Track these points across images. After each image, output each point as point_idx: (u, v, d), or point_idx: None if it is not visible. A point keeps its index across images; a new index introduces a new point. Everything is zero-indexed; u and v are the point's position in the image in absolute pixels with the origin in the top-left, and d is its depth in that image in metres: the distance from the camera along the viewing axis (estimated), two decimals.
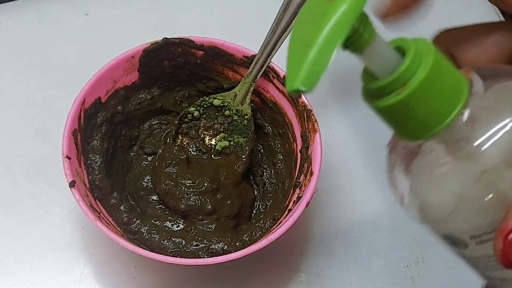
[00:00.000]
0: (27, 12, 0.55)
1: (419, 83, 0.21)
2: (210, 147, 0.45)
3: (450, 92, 0.22)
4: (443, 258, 0.46)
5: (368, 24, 0.21)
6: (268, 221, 0.43)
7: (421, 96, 0.22)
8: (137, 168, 0.46)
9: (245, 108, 0.44)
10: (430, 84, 0.22)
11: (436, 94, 0.22)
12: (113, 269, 0.43)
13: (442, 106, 0.22)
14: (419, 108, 0.22)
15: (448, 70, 0.23)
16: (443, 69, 0.22)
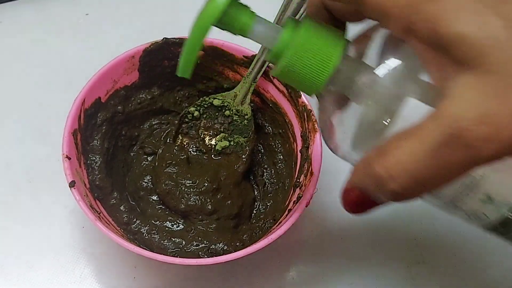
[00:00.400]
0: (27, 12, 0.55)
1: (295, 49, 0.26)
2: (210, 147, 0.45)
3: (327, 49, 0.26)
4: (444, 258, 0.46)
5: (242, 13, 0.26)
6: (268, 221, 0.43)
7: (301, 58, 0.26)
8: (137, 168, 0.46)
9: (245, 108, 0.44)
10: (305, 47, 0.26)
11: (314, 52, 0.26)
12: (113, 269, 0.43)
13: (323, 60, 0.26)
14: (304, 68, 0.26)
15: (321, 31, 0.26)
16: (317, 31, 0.26)
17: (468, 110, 0.21)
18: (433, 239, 0.47)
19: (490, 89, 0.21)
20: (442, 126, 0.21)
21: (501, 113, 0.21)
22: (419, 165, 0.22)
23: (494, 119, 0.21)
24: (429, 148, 0.22)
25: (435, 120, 0.22)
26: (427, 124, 0.22)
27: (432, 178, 0.23)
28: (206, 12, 0.25)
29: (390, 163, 0.23)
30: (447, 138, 0.21)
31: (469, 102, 0.21)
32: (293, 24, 0.27)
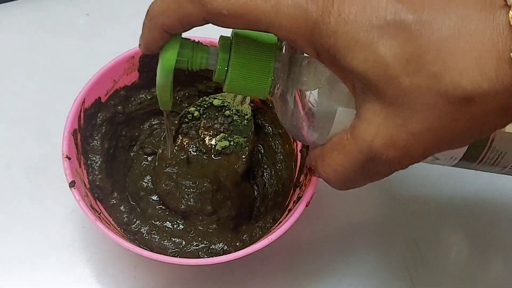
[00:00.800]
0: (27, 12, 0.55)
1: (232, 68, 0.29)
2: (210, 147, 0.45)
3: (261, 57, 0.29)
4: (442, 258, 0.46)
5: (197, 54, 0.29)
6: (268, 221, 0.43)
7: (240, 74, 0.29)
8: (137, 168, 0.46)
9: (245, 108, 0.44)
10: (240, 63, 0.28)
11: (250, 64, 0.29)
12: (113, 269, 0.43)
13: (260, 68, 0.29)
14: (246, 80, 0.29)
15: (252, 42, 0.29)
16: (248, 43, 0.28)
17: (378, 137, 0.25)
18: (432, 240, 0.47)
19: (392, 118, 0.24)
20: (360, 148, 0.26)
21: (404, 138, 0.24)
22: (347, 173, 0.27)
23: (399, 144, 0.24)
24: (354, 163, 0.27)
25: (355, 143, 0.26)
26: (350, 144, 0.26)
27: (358, 181, 0.28)
28: (163, 62, 0.29)
29: (327, 170, 0.28)
30: (367, 157, 0.26)
31: (378, 129, 0.25)
32: (225, 42, 0.29)
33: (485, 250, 0.47)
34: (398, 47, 0.23)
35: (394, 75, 0.23)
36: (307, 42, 0.25)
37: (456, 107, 0.23)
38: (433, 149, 0.25)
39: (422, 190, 0.48)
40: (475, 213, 0.48)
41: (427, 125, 0.24)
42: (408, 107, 0.23)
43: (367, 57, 0.23)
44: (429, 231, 0.47)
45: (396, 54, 0.23)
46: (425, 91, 0.23)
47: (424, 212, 0.48)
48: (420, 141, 0.24)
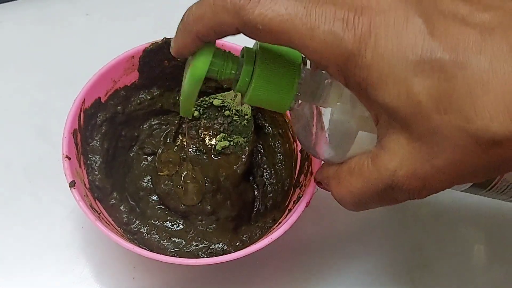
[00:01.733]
0: (27, 12, 0.55)
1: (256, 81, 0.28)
2: (210, 147, 0.45)
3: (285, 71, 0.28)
4: (445, 261, 0.46)
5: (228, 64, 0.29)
6: (268, 221, 0.43)
7: (263, 87, 0.28)
8: (137, 168, 0.46)
9: (245, 108, 0.44)
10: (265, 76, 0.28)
11: (274, 78, 0.28)
12: (113, 269, 0.43)
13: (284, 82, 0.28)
14: (268, 95, 0.29)
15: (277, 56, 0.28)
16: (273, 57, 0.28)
17: (401, 168, 0.25)
18: (435, 244, 0.46)
19: (417, 152, 0.25)
20: (382, 177, 0.26)
21: (427, 171, 0.25)
22: (364, 197, 0.28)
23: (421, 176, 0.25)
24: (372, 189, 0.27)
25: (377, 171, 0.27)
26: (371, 171, 0.27)
27: (372, 205, 0.29)
28: (194, 70, 0.28)
29: (342, 191, 0.29)
30: (387, 185, 0.26)
31: (402, 161, 0.25)
32: (249, 53, 0.29)
33: (489, 254, 0.47)
34: (432, 86, 0.23)
35: (426, 113, 0.23)
36: (338, 70, 0.25)
37: (483, 149, 0.23)
38: (453, 183, 0.26)
39: None
40: (479, 216, 0.48)
41: (452, 162, 0.24)
42: (436, 144, 0.24)
43: (400, 93, 0.24)
44: (431, 234, 0.47)
45: (430, 93, 0.23)
46: (454, 131, 0.23)
47: (426, 215, 0.48)
48: (443, 175, 0.25)
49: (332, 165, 0.30)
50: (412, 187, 0.26)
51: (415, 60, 0.23)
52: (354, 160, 0.28)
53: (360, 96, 0.26)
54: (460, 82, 0.23)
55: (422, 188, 0.26)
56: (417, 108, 0.24)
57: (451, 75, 0.23)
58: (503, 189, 0.36)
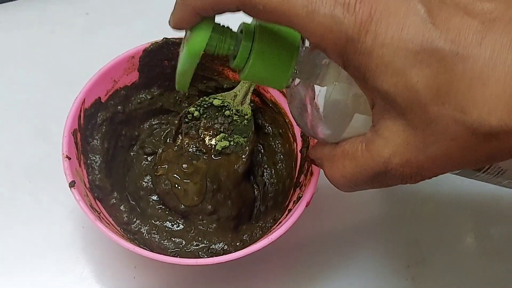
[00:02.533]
0: (27, 12, 0.55)
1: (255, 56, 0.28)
2: (210, 147, 0.45)
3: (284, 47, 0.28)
4: (444, 258, 0.46)
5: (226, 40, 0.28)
6: (268, 221, 0.43)
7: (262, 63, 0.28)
8: (137, 168, 0.46)
9: (245, 108, 0.44)
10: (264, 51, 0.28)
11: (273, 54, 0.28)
12: (113, 269, 0.43)
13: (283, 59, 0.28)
14: (266, 70, 0.28)
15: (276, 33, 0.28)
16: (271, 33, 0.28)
17: (395, 156, 0.26)
18: (433, 240, 0.47)
19: (412, 141, 0.25)
20: (375, 163, 0.26)
21: (421, 160, 0.25)
22: (356, 180, 0.28)
23: (414, 164, 0.26)
24: (365, 174, 0.27)
25: (370, 156, 0.27)
26: (365, 157, 0.27)
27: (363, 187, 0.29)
28: (192, 44, 0.28)
29: (335, 173, 0.29)
30: (380, 171, 0.27)
31: (397, 149, 0.25)
32: (248, 29, 0.29)
33: (487, 249, 0.47)
34: (431, 77, 0.23)
35: (423, 103, 0.23)
36: (337, 54, 0.25)
37: (478, 140, 0.23)
38: (446, 170, 0.26)
39: (424, 189, 0.48)
40: (477, 212, 0.48)
41: (447, 152, 0.24)
42: (431, 134, 0.24)
43: (398, 82, 0.24)
44: (430, 231, 0.47)
45: (428, 83, 0.23)
46: (451, 122, 0.23)
47: (425, 212, 0.48)
48: (436, 164, 0.25)
49: (327, 145, 0.30)
50: (405, 174, 0.26)
51: (415, 49, 0.23)
52: (348, 143, 0.28)
53: (357, 80, 0.26)
54: (459, 74, 0.23)
55: (415, 175, 0.26)
56: (415, 98, 0.24)
57: (450, 66, 0.23)
58: (495, 174, 0.36)
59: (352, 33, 0.24)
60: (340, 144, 0.29)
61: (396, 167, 0.26)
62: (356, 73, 0.25)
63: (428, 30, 0.23)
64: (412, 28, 0.23)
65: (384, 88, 0.24)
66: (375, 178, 0.27)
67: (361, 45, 0.24)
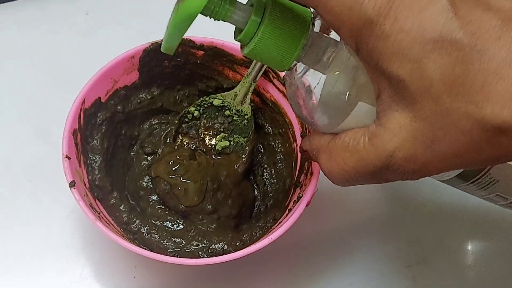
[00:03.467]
0: (27, 12, 0.55)
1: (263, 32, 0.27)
2: (210, 147, 0.45)
3: (293, 28, 0.27)
4: (445, 258, 0.46)
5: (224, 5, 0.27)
6: (268, 221, 0.43)
7: (269, 40, 0.27)
8: (137, 167, 0.46)
9: (245, 108, 0.44)
10: (273, 29, 0.27)
11: (281, 33, 0.27)
12: (113, 269, 0.43)
13: (291, 39, 0.27)
14: (273, 48, 0.27)
15: (287, 10, 0.27)
16: (282, 11, 0.27)
17: (401, 150, 0.25)
18: (434, 239, 0.47)
19: (420, 135, 0.24)
20: (379, 157, 0.26)
21: (426, 156, 0.25)
22: (356, 175, 0.27)
23: (420, 160, 0.25)
24: (367, 168, 0.26)
25: (374, 150, 0.26)
26: (368, 150, 0.26)
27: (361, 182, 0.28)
28: (189, 3, 0.26)
29: (333, 167, 0.28)
30: (382, 166, 0.26)
31: (403, 143, 0.25)
32: (259, 4, 0.27)
33: (488, 249, 0.47)
34: (447, 67, 0.23)
35: (436, 93, 0.23)
36: (351, 35, 0.24)
37: (488, 136, 0.23)
38: (450, 168, 0.26)
39: (424, 189, 0.48)
40: (478, 212, 0.48)
41: (454, 149, 0.24)
42: (441, 127, 0.24)
43: (413, 69, 0.23)
44: (431, 230, 0.47)
45: (444, 73, 0.23)
46: (462, 115, 0.23)
47: (426, 211, 0.48)
48: (442, 161, 0.25)
49: (324, 135, 0.29)
50: (408, 170, 0.26)
51: (434, 38, 0.23)
52: (349, 135, 0.27)
53: (367, 65, 0.25)
54: (475, 67, 0.22)
55: (418, 171, 0.26)
56: (429, 87, 0.23)
57: (467, 58, 0.22)
58: (485, 184, 0.35)
59: (371, 15, 0.23)
60: (339, 136, 0.28)
61: (400, 162, 0.25)
62: (368, 57, 0.24)
63: (449, 20, 0.23)
64: (433, 17, 0.23)
65: (398, 74, 0.23)
66: (376, 173, 0.27)
67: (379, 28, 0.23)
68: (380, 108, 0.26)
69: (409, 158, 0.25)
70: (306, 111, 0.30)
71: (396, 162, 0.25)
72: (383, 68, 0.24)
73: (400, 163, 0.25)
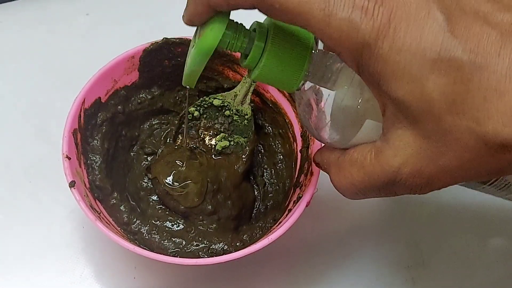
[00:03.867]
0: (27, 12, 0.55)
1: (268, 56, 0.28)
2: (210, 147, 0.45)
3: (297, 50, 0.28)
4: (444, 259, 0.46)
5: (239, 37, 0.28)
6: (268, 221, 0.43)
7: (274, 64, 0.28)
8: (137, 168, 0.46)
9: (245, 108, 0.44)
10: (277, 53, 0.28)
11: (286, 56, 0.28)
12: (113, 270, 0.43)
13: (295, 62, 0.28)
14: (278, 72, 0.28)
15: (290, 35, 0.28)
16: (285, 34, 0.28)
17: (406, 166, 0.25)
18: (433, 241, 0.47)
19: (424, 151, 0.25)
20: (385, 173, 0.26)
21: (431, 171, 0.25)
22: (364, 189, 0.28)
23: (425, 175, 0.25)
24: (374, 183, 0.27)
25: (380, 166, 0.26)
26: (374, 166, 0.27)
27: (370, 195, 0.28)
28: (205, 40, 0.27)
29: (342, 180, 0.29)
30: (389, 181, 0.26)
31: (407, 159, 0.25)
32: (261, 29, 0.28)
33: (487, 250, 0.47)
34: (447, 86, 0.23)
35: (437, 112, 0.23)
36: (352, 58, 0.24)
37: (492, 152, 0.23)
38: (458, 181, 0.26)
39: None
40: (477, 214, 0.48)
41: (459, 163, 0.24)
42: (444, 144, 0.24)
43: (413, 90, 0.23)
44: (430, 232, 0.47)
45: (444, 92, 0.23)
46: (465, 133, 0.23)
47: (425, 213, 0.48)
48: (448, 175, 0.25)
49: (334, 150, 0.30)
50: (415, 185, 0.26)
51: (433, 58, 0.23)
52: (357, 151, 0.28)
53: (371, 86, 0.25)
54: (475, 84, 0.22)
55: (425, 186, 0.26)
56: (429, 107, 0.23)
57: (467, 76, 0.22)
58: (502, 186, 0.36)
59: (369, 38, 0.23)
60: (348, 152, 0.29)
61: (407, 177, 0.26)
62: (370, 78, 0.24)
63: (447, 38, 0.23)
64: (430, 36, 0.23)
65: (398, 95, 0.24)
66: (383, 188, 0.27)
67: (378, 50, 0.23)
68: (385, 125, 0.26)
69: (415, 173, 0.25)
70: (316, 127, 0.31)
71: (403, 177, 0.26)
72: (384, 89, 0.24)
73: (407, 178, 0.26)
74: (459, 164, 0.24)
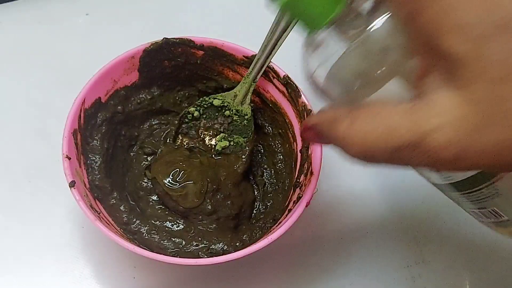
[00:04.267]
0: (27, 12, 0.55)
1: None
2: (210, 147, 0.45)
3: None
4: (444, 258, 0.46)
5: None
6: (268, 221, 0.43)
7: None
8: (137, 168, 0.46)
9: (245, 108, 0.44)
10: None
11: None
12: (113, 269, 0.43)
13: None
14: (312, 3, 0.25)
15: None
16: None
17: (439, 132, 0.22)
18: (433, 239, 0.47)
19: (466, 123, 0.22)
20: (414, 130, 0.22)
21: (464, 145, 0.22)
22: (378, 148, 0.24)
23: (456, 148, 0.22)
24: (395, 142, 0.23)
25: (410, 121, 0.23)
26: (402, 120, 0.23)
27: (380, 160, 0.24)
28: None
29: (352, 134, 0.25)
30: (411, 142, 0.23)
31: (444, 127, 0.22)
32: None
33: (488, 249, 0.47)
34: (508, 53, 0.21)
35: (492, 78, 0.21)
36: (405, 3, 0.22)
37: None
38: (483, 167, 0.23)
39: (424, 189, 0.48)
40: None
41: (500, 141, 0.22)
42: (490, 115, 0.21)
43: (472, 48, 0.21)
44: (430, 231, 0.47)
45: (504, 59, 0.21)
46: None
47: (425, 211, 0.48)
48: (478, 155, 0.22)
49: (340, 107, 0.27)
50: (438, 157, 0.23)
51: (500, 20, 0.21)
52: (378, 105, 0.24)
53: (417, 39, 0.23)
54: None
55: (447, 162, 0.23)
56: (485, 70, 0.21)
57: None
58: (484, 197, 0.33)
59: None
60: (365, 105, 0.25)
61: (434, 144, 0.22)
62: (423, 32, 0.22)
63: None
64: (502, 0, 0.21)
65: (455, 51, 0.21)
66: (400, 150, 0.23)
67: (442, 1, 0.21)
68: (427, 87, 0.23)
69: (444, 144, 0.22)
70: (327, 80, 0.28)
71: (430, 143, 0.22)
72: (438, 43, 0.22)
73: (434, 145, 0.22)
74: (501, 142, 0.21)
